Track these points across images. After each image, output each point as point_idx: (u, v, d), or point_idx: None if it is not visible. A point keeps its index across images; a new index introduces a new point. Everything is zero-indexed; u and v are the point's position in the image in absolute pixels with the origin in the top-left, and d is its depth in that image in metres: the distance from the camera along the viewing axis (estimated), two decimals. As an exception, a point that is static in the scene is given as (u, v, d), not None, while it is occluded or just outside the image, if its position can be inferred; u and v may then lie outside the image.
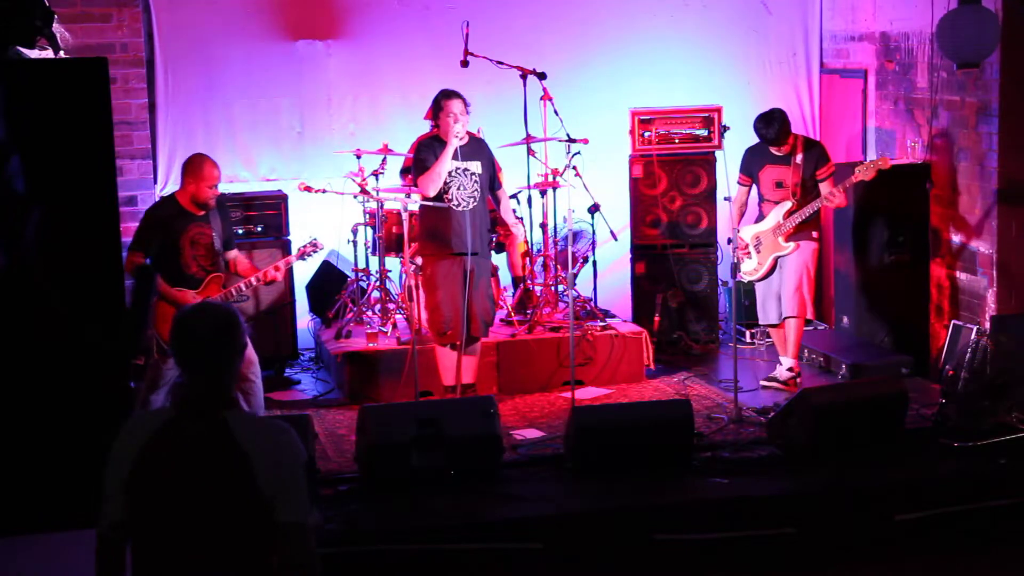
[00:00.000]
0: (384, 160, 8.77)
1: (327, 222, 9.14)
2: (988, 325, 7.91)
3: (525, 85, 8.57)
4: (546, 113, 8.62)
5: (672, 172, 9.43)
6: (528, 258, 8.97)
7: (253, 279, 7.39)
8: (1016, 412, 7.28)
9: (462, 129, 7.58)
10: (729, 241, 8.46)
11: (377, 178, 8.73)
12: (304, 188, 8.74)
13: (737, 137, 8.58)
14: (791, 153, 8.17)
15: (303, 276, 9.31)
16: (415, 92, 9.13)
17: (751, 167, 8.35)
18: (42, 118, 4.51)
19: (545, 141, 8.72)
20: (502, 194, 8.07)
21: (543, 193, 8.90)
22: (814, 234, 8.25)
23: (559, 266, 8.99)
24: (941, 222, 8.85)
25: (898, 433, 7.12)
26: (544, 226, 8.98)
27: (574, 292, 8.23)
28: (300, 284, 9.27)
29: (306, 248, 7.59)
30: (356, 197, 8.82)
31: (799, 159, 8.15)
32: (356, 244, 9.05)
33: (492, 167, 7.89)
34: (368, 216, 8.89)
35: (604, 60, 9.86)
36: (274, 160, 9.53)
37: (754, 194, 8.45)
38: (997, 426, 7.17)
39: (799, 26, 10.21)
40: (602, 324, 8.74)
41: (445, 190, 7.63)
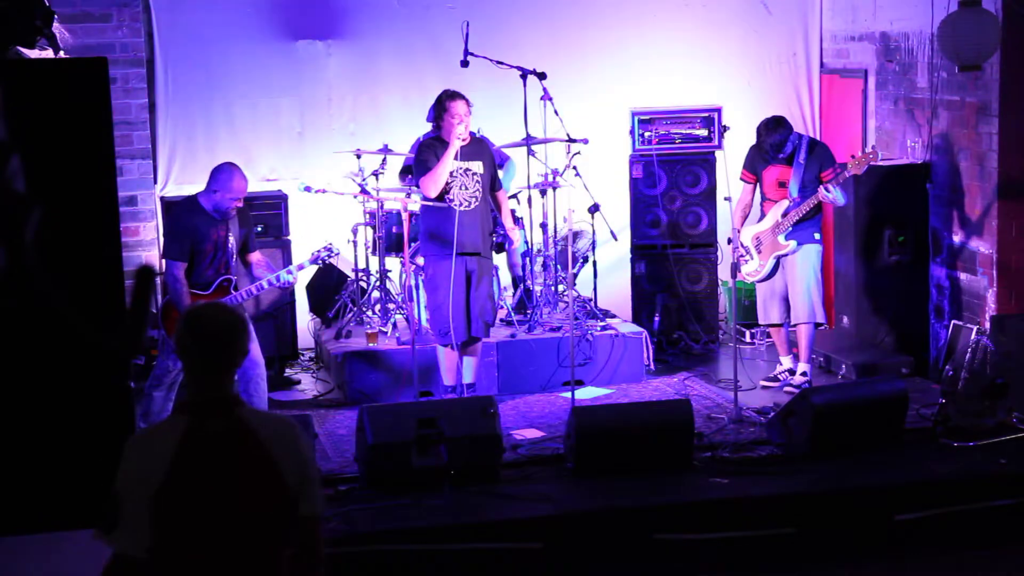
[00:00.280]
0: (384, 160, 8.77)
1: (327, 222, 9.14)
2: (988, 325, 7.91)
3: (525, 85, 8.56)
4: (546, 113, 8.61)
5: (672, 172, 9.42)
6: (528, 258, 8.97)
7: (264, 282, 7.41)
8: (1016, 412, 7.28)
9: (465, 131, 7.58)
10: (729, 241, 8.45)
11: (377, 178, 8.73)
12: (304, 188, 8.75)
13: (737, 137, 8.57)
14: (794, 153, 8.13)
15: (303, 276, 9.29)
16: (415, 92, 9.13)
17: (755, 165, 8.32)
18: (42, 118, 4.51)
19: (545, 141, 8.72)
20: (502, 196, 8.05)
21: (543, 193, 8.90)
22: (816, 235, 8.19)
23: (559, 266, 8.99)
24: (941, 222, 8.85)
25: (898, 433, 7.12)
26: (544, 226, 8.98)
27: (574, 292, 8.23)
28: (300, 284, 9.26)
29: (320, 253, 7.72)
30: (356, 197, 8.82)
31: (802, 159, 8.12)
32: (356, 244, 9.04)
33: (494, 167, 7.88)
34: (368, 216, 8.89)
35: (604, 60, 9.86)
36: (274, 160, 9.53)
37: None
38: (997, 426, 7.18)
39: (799, 26, 10.20)
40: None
41: (447, 190, 7.63)
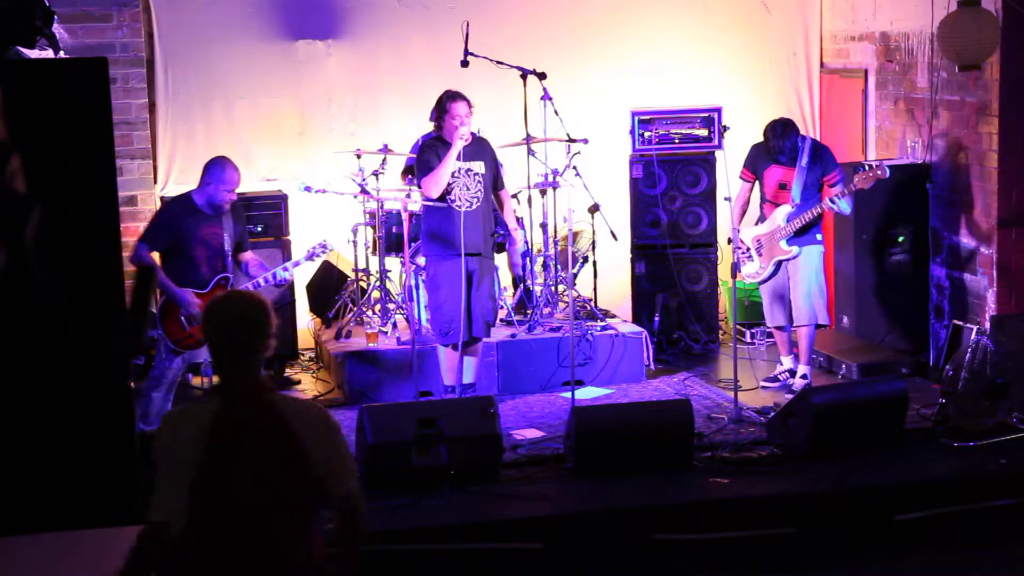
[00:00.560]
0: (384, 160, 8.77)
1: (327, 222, 9.14)
2: (988, 325, 7.91)
3: (525, 85, 8.57)
4: (546, 113, 8.61)
5: (672, 172, 9.42)
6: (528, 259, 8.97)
7: (261, 280, 7.41)
8: (1016, 412, 7.28)
9: (467, 131, 7.57)
10: (729, 241, 8.45)
11: (377, 178, 8.73)
12: (304, 188, 8.75)
13: (737, 137, 8.57)
14: (797, 155, 8.12)
15: (303, 276, 9.30)
16: (415, 92, 9.13)
17: (756, 164, 8.30)
18: (42, 118, 4.52)
19: (545, 141, 8.72)
20: (504, 195, 8.06)
21: (543, 193, 8.90)
22: (818, 237, 8.19)
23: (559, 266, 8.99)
24: (941, 222, 8.84)
25: (898, 433, 7.12)
26: (544, 226, 8.97)
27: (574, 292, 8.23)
28: (300, 284, 9.26)
29: (315, 249, 7.72)
30: (356, 197, 8.81)
31: (805, 162, 8.11)
32: (356, 244, 9.04)
33: (495, 166, 7.88)
34: (368, 216, 8.89)
35: (604, 60, 9.86)
36: (274, 160, 9.53)
37: (755, 193, 8.44)
38: (997, 426, 7.18)
39: (799, 26, 10.19)
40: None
41: (448, 191, 7.63)
